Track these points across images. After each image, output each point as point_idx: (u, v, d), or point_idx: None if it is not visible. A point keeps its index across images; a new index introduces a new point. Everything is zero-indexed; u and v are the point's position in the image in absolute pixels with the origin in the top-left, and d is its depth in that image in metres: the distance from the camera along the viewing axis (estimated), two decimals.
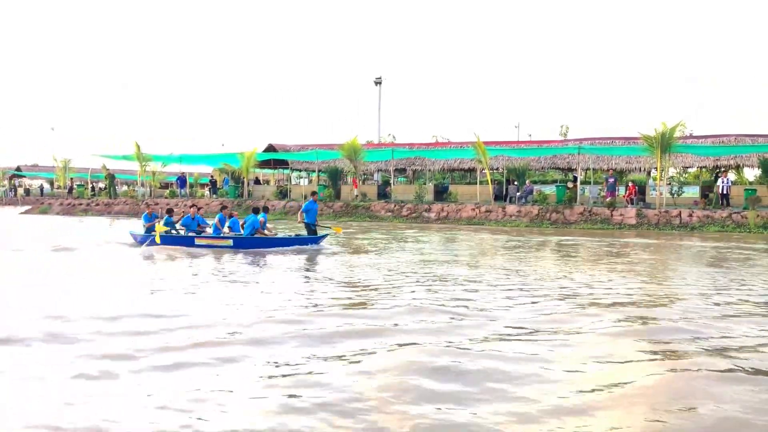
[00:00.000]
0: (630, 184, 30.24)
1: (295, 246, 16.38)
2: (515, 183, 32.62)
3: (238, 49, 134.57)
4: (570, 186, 31.11)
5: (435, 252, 16.66)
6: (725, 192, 27.74)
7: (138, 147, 40.48)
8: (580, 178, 32.58)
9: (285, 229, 21.72)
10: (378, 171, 41.79)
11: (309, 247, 16.34)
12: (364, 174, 39.51)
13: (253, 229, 16.21)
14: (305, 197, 35.92)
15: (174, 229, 16.95)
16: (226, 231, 16.71)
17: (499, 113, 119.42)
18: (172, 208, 18.92)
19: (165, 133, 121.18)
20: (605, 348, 6.46)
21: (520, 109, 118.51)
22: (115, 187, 43.38)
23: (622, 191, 30.08)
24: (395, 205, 31.95)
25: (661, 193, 28.00)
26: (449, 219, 29.80)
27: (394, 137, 65.13)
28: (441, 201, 32.83)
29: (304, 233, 17.53)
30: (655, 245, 19.10)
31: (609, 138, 35.26)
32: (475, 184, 34.13)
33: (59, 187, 53.62)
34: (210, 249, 15.99)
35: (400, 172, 43.44)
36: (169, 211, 17.56)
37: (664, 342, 6.76)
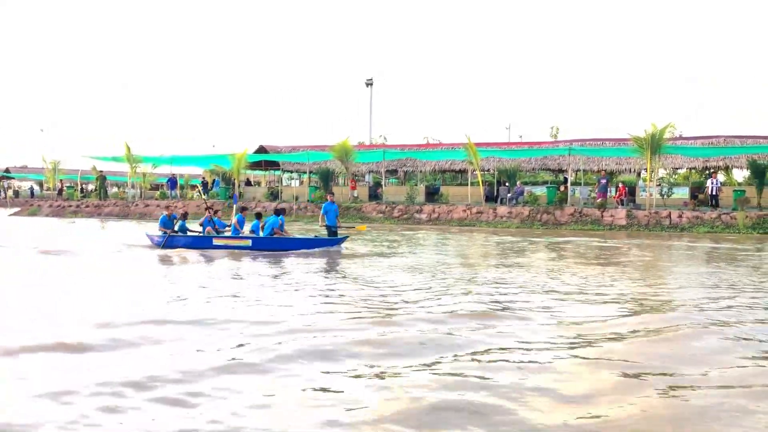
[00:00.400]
0: (620, 185, 30.39)
1: (315, 248, 16.08)
2: (506, 184, 32.67)
3: (228, 51, 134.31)
4: (561, 188, 31.22)
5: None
6: (714, 193, 27.95)
7: (128, 148, 40.31)
8: (570, 179, 32.69)
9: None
10: (369, 172, 41.81)
11: (329, 249, 15.97)
12: (355, 175, 39.50)
13: (272, 230, 16.03)
14: (296, 198, 36.03)
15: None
16: (245, 232, 16.58)
17: (490, 114, 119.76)
18: (187, 212, 19.07)
19: (155, 135, 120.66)
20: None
21: (511, 111, 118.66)
22: (106, 189, 43.14)
23: (612, 192, 30.23)
24: (386, 207, 31.94)
25: (651, 194, 28.13)
26: (440, 220, 29.82)
27: (385, 138, 65.07)
28: (432, 202, 32.86)
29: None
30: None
31: (599, 139, 35.38)
32: (467, 185, 34.18)
33: (49, 189, 53.31)
34: (228, 249, 15.78)
35: (391, 173, 43.45)
36: (184, 215, 17.59)
37: None
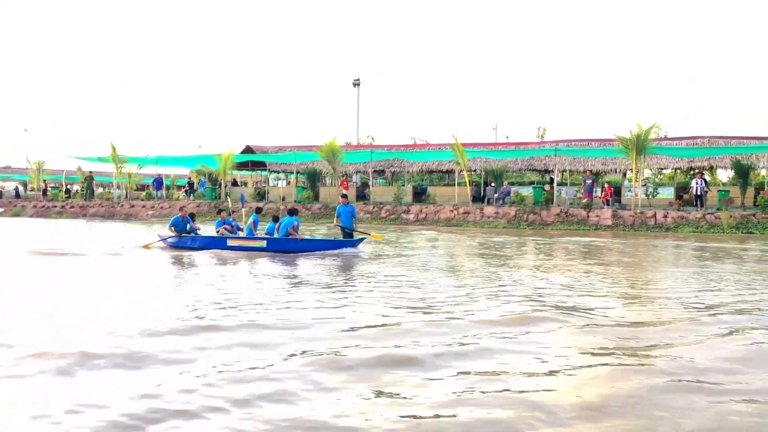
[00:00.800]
0: (606, 185, 30.56)
1: (331, 249, 15.82)
2: (493, 184, 32.78)
3: (215, 50, 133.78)
4: (547, 188, 31.35)
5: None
6: (699, 193, 28.17)
7: (113, 148, 40.03)
8: (556, 179, 32.86)
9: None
10: (357, 173, 41.78)
11: (345, 251, 15.68)
12: (342, 175, 39.47)
13: (287, 231, 15.78)
14: (283, 199, 35.94)
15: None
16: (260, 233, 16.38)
17: (477, 115, 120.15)
18: (194, 212, 19.26)
19: (141, 135, 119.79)
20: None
21: (497, 111, 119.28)
22: (93, 189, 42.88)
23: (598, 192, 30.40)
24: (374, 207, 31.93)
25: (637, 194, 28.33)
26: (428, 220, 29.86)
27: (372, 139, 65.09)
28: (419, 202, 32.89)
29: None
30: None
31: (585, 140, 35.57)
32: (454, 185, 34.26)
33: (33, 190, 52.76)
34: (243, 250, 15.57)
35: (378, 173, 43.46)
36: (192, 215, 17.58)
37: None
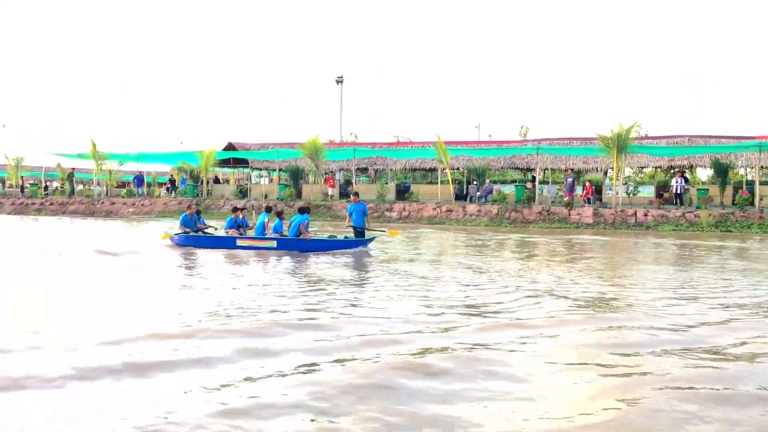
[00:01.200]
0: (587, 183, 30.78)
1: (342, 249, 15.61)
2: (475, 182, 32.89)
3: (196, 46, 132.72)
4: (529, 186, 31.52)
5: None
6: (679, 192, 28.54)
7: (94, 145, 39.61)
8: (538, 177, 33.03)
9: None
10: (340, 170, 41.66)
11: (358, 250, 15.56)
12: (325, 173, 39.37)
13: (298, 230, 15.51)
14: (266, 196, 35.76)
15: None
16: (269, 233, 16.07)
17: (460, 113, 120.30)
18: (200, 209, 19.21)
19: (121, 132, 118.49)
20: None
21: (480, 110, 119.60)
22: (74, 186, 42.48)
23: (579, 191, 30.61)
24: None
25: (617, 193, 28.57)
26: (411, 218, 29.89)
27: (356, 136, 64.98)
28: (403, 200, 32.90)
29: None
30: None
31: (567, 138, 35.82)
32: (437, 183, 34.31)
33: (11, 186, 52.05)
34: (252, 250, 15.29)
35: (362, 171, 43.38)
36: (198, 212, 17.49)
37: None
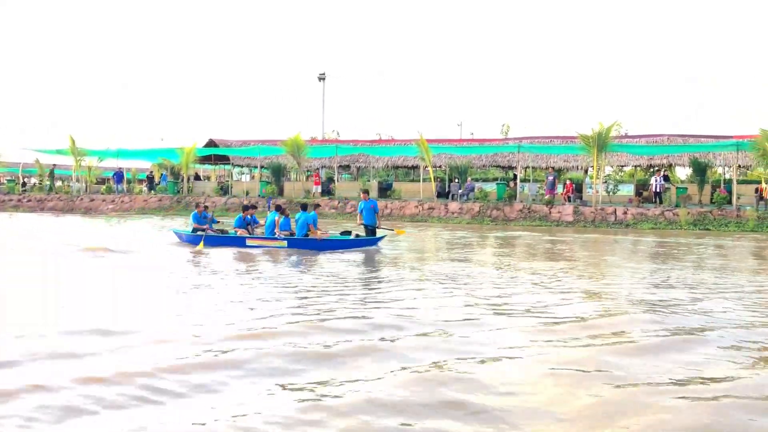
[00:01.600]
0: (567, 182, 31.02)
1: (354, 248, 15.37)
2: (457, 181, 33.00)
3: (177, 42, 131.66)
4: (510, 184, 31.69)
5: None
6: (658, 190, 28.87)
7: (73, 141, 39.14)
8: (519, 176, 33.22)
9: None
10: (322, 167, 41.59)
11: (369, 249, 15.37)
12: (307, 170, 39.25)
13: (307, 228, 15.18)
14: (247, 194, 35.57)
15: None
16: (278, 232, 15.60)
17: (443, 111, 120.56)
18: (207, 205, 18.99)
19: (101, 127, 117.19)
20: None
21: (463, 108, 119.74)
22: (54, 182, 42.05)
23: (560, 189, 30.84)
24: (339, 202, 31.85)
25: (598, 191, 28.82)
26: (393, 216, 29.89)
27: (338, 134, 64.79)
28: (385, 198, 32.91)
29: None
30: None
31: (548, 137, 36.03)
32: (419, 181, 34.37)
33: None
34: (262, 249, 14.94)
35: (344, 168, 43.35)
36: (206, 207, 17.31)
37: None
